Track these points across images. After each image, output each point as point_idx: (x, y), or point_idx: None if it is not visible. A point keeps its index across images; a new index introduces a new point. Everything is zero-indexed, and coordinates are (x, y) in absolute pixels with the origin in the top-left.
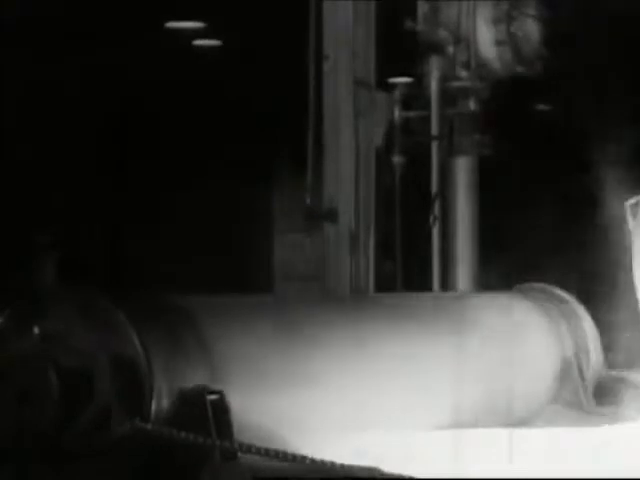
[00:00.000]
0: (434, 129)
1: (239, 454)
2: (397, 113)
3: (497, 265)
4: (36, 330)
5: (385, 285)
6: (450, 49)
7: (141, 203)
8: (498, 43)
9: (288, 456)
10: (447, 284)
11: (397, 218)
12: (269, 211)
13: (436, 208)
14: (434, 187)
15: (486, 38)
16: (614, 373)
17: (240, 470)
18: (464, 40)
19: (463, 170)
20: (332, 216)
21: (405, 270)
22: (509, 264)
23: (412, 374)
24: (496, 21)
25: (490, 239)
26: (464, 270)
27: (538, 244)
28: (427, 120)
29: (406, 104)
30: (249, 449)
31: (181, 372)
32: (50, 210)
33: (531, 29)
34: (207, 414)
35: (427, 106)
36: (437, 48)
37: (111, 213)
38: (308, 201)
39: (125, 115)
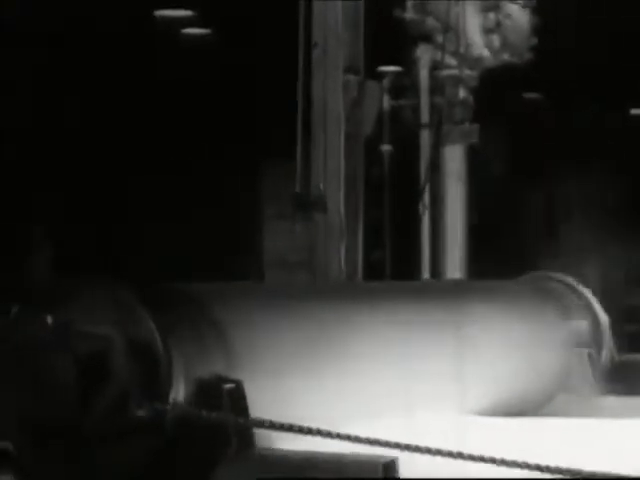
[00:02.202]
0: (423, 117)
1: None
2: (386, 102)
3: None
4: (52, 317)
5: (373, 272)
6: (439, 38)
7: (130, 192)
8: (487, 32)
9: (304, 429)
10: (436, 272)
11: (386, 207)
12: (258, 198)
13: (425, 196)
14: (423, 176)
15: (475, 27)
16: (624, 358)
17: (255, 462)
18: (453, 29)
19: (453, 158)
20: (321, 204)
21: (394, 258)
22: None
23: (429, 360)
24: (485, 10)
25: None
26: (453, 257)
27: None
28: (416, 108)
29: (395, 93)
30: (262, 423)
31: (197, 357)
32: (43, 206)
33: (520, 18)
34: (224, 403)
35: (416, 95)
36: (426, 37)
37: (100, 205)
38: (297, 189)
39: (114, 103)
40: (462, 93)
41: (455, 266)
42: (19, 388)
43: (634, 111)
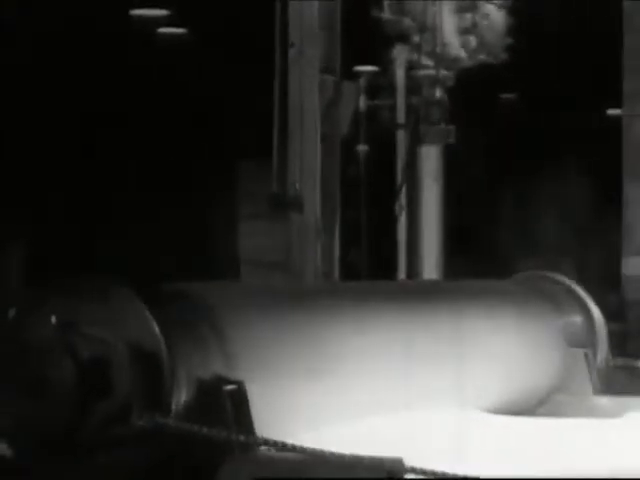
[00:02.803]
0: (400, 118)
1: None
2: (363, 101)
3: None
4: (53, 320)
5: (350, 272)
6: (416, 38)
7: (105, 192)
8: (463, 32)
9: (306, 450)
10: (412, 272)
11: (362, 207)
12: (234, 198)
13: (402, 197)
14: (400, 176)
15: (451, 27)
16: (619, 361)
17: (257, 464)
18: (429, 29)
19: (429, 158)
20: (297, 204)
21: (370, 258)
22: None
23: (424, 359)
24: (461, 10)
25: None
26: (429, 258)
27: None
28: (393, 109)
29: (372, 93)
30: (266, 442)
31: (199, 359)
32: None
33: (496, 18)
34: (225, 406)
35: (393, 95)
36: (403, 37)
37: (78, 206)
38: (274, 188)
39: (90, 102)
40: (438, 93)
41: (431, 266)
42: (19, 391)
43: (611, 111)
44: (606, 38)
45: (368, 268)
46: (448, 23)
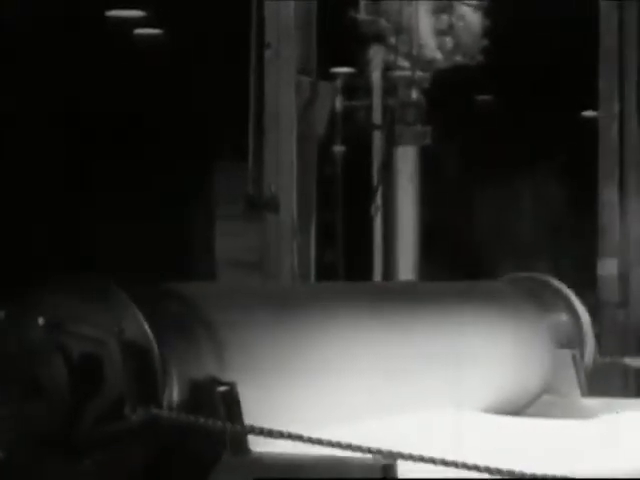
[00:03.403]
0: (376, 118)
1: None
2: (339, 102)
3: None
4: (43, 319)
5: (326, 273)
6: (392, 39)
7: (80, 192)
8: (439, 33)
9: (301, 438)
10: (389, 273)
11: (338, 207)
12: (210, 199)
13: (378, 198)
14: (376, 177)
15: (427, 28)
16: (607, 360)
17: (252, 464)
18: (406, 30)
19: (405, 159)
20: (273, 204)
21: (346, 259)
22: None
23: (412, 360)
24: (437, 11)
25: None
26: (405, 258)
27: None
28: (369, 109)
29: (348, 93)
30: (260, 431)
31: (190, 359)
32: None
33: (472, 19)
34: (218, 406)
35: (369, 95)
36: (379, 38)
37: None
38: (250, 189)
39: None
40: (414, 94)
41: (408, 267)
42: (10, 391)
43: (586, 113)
44: (582, 39)
45: (344, 269)
46: (424, 24)
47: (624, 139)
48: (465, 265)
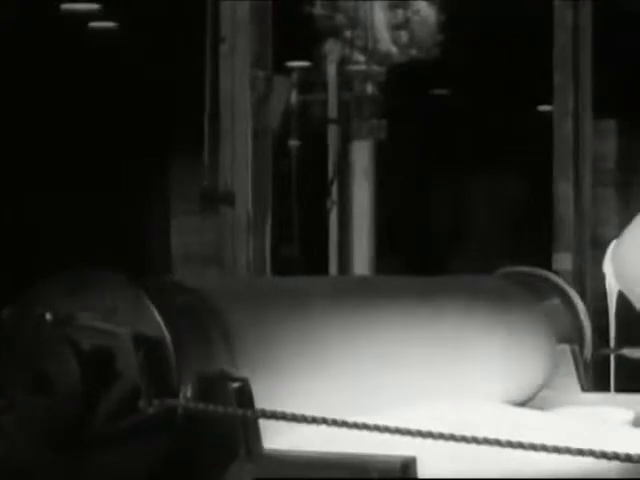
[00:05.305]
0: (331, 113)
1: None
2: (294, 97)
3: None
4: (52, 314)
5: (282, 269)
6: (347, 33)
7: (33, 189)
8: (395, 27)
9: (317, 420)
10: (344, 268)
11: (294, 202)
12: (166, 193)
13: (333, 192)
14: (331, 171)
15: (383, 22)
16: (605, 352)
17: (266, 461)
18: (361, 24)
19: (361, 154)
20: (229, 199)
21: (302, 254)
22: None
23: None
24: (393, 5)
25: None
26: (361, 254)
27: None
28: (324, 104)
29: (303, 88)
30: (274, 415)
31: (203, 354)
32: None
33: (428, 14)
34: (230, 403)
35: (324, 90)
36: (334, 32)
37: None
38: (205, 184)
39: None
40: (370, 89)
41: (363, 262)
42: (21, 390)
43: (541, 108)
44: (537, 34)
45: (300, 263)
46: (379, 19)
47: (579, 133)
48: (420, 260)
